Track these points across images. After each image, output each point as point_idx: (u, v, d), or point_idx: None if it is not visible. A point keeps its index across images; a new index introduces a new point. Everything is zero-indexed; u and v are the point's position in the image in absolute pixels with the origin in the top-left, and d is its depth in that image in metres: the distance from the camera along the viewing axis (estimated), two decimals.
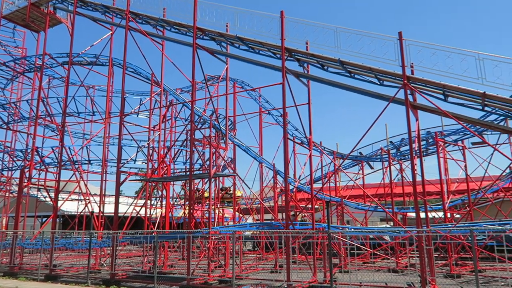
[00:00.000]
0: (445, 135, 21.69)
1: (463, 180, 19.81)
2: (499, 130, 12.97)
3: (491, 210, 20.42)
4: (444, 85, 11.63)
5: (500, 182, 19.31)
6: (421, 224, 11.57)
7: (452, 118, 11.88)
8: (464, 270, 16.82)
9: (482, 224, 14.59)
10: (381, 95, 13.39)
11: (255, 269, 18.42)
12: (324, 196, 22.05)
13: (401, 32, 12.18)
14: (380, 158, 25.31)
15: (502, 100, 11.25)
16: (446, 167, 20.98)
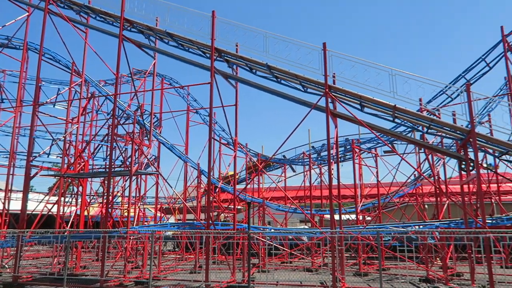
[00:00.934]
0: (361, 143, 23.27)
1: (374, 185, 21.38)
2: (407, 141, 14.23)
3: (397, 213, 22.35)
4: (361, 96, 12.48)
5: (405, 188, 21.18)
6: (334, 226, 12.27)
7: (366, 127, 12.79)
8: (371, 268, 18.13)
9: (388, 227, 15.90)
10: (304, 102, 13.99)
11: (174, 270, 18.10)
12: (247, 197, 22.40)
13: (325, 43, 12.85)
14: (302, 162, 26.38)
15: (410, 114, 12.36)
16: (360, 173, 22.49)
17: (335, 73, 13.26)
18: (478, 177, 11.18)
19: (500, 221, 17.02)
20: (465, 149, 11.86)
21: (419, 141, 14.04)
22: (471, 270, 12.32)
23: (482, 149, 12.44)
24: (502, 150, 11.65)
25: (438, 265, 16.86)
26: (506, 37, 15.84)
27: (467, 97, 11.36)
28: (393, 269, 17.89)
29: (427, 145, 13.40)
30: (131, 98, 23.02)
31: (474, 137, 11.08)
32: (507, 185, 22.03)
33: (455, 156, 12.59)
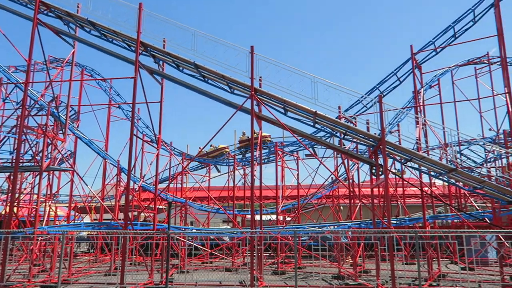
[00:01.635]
0: (284, 146, 24.05)
1: (295, 187, 22.22)
2: (325, 146, 15.02)
3: (315, 214, 23.45)
4: (285, 100, 12.92)
5: (323, 190, 22.33)
6: (255, 226, 12.53)
7: (289, 130, 13.27)
8: (289, 267, 18.81)
9: (306, 227, 16.62)
10: (231, 103, 14.11)
11: (87, 273, 17.09)
12: (168, 196, 21.95)
13: (253, 46, 13.09)
14: (226, 163, 26.53)
15: (329, 120, 13.08)
16: (283, 175, 23.24)
17: (261, 77, 13.58)
18: (386, 181, 12.16)
19: (403, 221, 18.69)
20: (376, 155, 12.85)
21: (336, 146, 14.90)
22: (377, 267, 13.34)
23: (391, 156, 13.57)
24: (407, 157, 12.81)
25: (350, 263, 18.02)
26: (414, 55, 17.46)
27: (379, 107, 12.31)
28: (310, 267, 18.74)
29: (343, 150, 14.27)
30: (46, 87, 21.30)
31: (383, 145, 12.04)
32: (411, 189, 24.28)
33: (367, 162, 13.57)
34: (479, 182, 12.14)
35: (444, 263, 19.67)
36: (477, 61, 23.17)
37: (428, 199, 19.67)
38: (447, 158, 13.87)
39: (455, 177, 12.71)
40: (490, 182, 12.35)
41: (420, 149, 14.38)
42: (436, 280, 14.23)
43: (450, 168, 12.09)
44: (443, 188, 26.66)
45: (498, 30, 14.66)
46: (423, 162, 12.64)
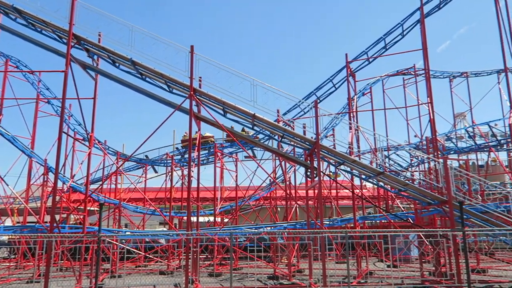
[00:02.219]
0: (224, 147, 24.05)
1: (234, 188, 22.30)
2: (263, 148, 15.24)
3: (253, 215, 23.69)
4: (224, 102, 12.92)
5: (261, 192, 22.64)
6: (191, 228, 12.37)
7: (227, 132, 13.28)
8: (226, 269, 18.81)
9: (243, 228, 16.73)
10: (169, 102, 13.83)
11: (7, 280, 15.77)
12: (100, 197, 20.97)
13: (192, 46, 12.94)
14: (164, 163, 25.93)
15: (267, 123, 13.30)
16: (222, 176, 23.21)
17: (201, 77, 13.48)
18: (319, 183, 12.63)
19: (336, 222, 19.51)
20: (311, 158, 13.28)
21: (274, 148, 15.19)
22: (310, 266, 13.79)
23: (326, 159, 14.12)
24: (340, 161, 13.40)
25: (285, 263, 18.43)
26: (349, 63, 18.36)
27: (315, 112, 12.76)
28: (246, 268, 18.89)
29: (280, 153, 14.59)
30: None
31: (318, 148, 12.49)
32: (344, 191, 25.37)
33: (303, 164, 14.00)
34: (403, 185, 13.02)
35: (372, 261, 20.86)
36: (405, 72, 24.92)
37: (359, 201, 20.71)
38: (376, 162, 14.74)
39: (383, 180, 13.52)
40: (413, 185, 13.29)
41: (352, 153, 15.11)
42: (364, 277, 15.02)
43: (378, 171, 12.85)
44: (373, 190, 28.22)
45: (423, 45, 15.87)
46: (354, 166, 13.29)
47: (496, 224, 12.44)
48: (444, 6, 19.47)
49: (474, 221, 12.73)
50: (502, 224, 12.46)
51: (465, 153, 27.88)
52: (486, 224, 12.47)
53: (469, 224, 12.86)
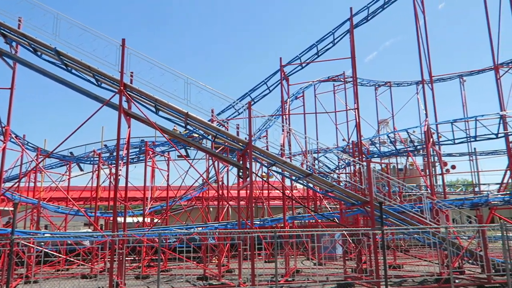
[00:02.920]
0: (156, 145, 23.38)
1: (165, 188, 21.76)
2: (195, 147, 15.07)
3: (184, 216, 23.33)
4: (156, 99, 12.57)
5: (193, 192, 22.36)
6: (117, 229, 11.85)
7: (159, 130, 12.94)
8: (154, 270, 18.28)
9: (172, 229, 16.39)
10: (97, 97, 13.14)
11: None
12: (16, 196, 19.31)
13: (124, 39, 12.42)
14: (91, 161, 24.57)
15: (201, 122, 13.16)
16: (153, 175, 22.53)
17: (133, 72, 12.97)
18: (251, 184, 12.76)
19: (266, 222, 19.88)
20: (244, 158, 13.39)
21: (207, 148, 15.08)
22: (239, 266, 13.89)
23: (258, 160, 14.31)
24: (272, 162, 13.67)
25: (215, 263, 18.38)
26: (283, 67, 18.84)
27: (248, 113, 12.89)
28: (176, 269, 18.53)
29: (213, 152, 14.52)
30: None
31: (250, 149, 12.63)
32: (275, 192, 25.94)
33: (235, 165, 14.06)
34: (330, 186, 13.64)
35: (301, 259, 21.56)
36: (335, 79, 26.17)
37: (289, 201, 21.28)
38: (307, 164, 15.25)
39: (312, 181, 14.04)
40: (339, 186, 13.97)
41: (283, 154, 15.50)
42: (292, 275, 15.47)
43: (308, 173, 13.31)
44: (303, 191, 29.21)
45: (351, 54, 16.77)
46: (285, 167, 13.65)
47: (411, 223, 13.50)
48: (372, 18, 20.77)
49: (393, 220, 13.70)
50: (416, 223, 13.56)
51: (387, 157, 29.94)
52: (403, 224, 13.47)
53: (388, 224, 13.80)
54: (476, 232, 13.47)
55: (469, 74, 33.47)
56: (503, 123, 20.19)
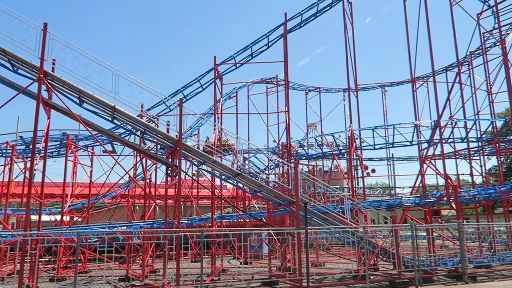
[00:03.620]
0: (79, 139, 22.01)
1: (87, 184, 20.57)
2: (122, 143, 14.45)
3: (108, 214, 22.22)
4: (80, 90, 11.83)
5: (118, 189, 21.40)
6: (29, 227, 10.95)
7: (82, 123, 12.20)
8: (72, 272, 17.17)
9: (94, 227, 15.54)
10: (12, 84, 12.05)
11: None
12: None
13: (46, 23, 11.51)
14: (3, 153, 22.43)
15: (129, 117, 12.63)
16: (75, 171, 21.16)
17: (55, 60, 12.07)
18: (179, 182, 12.53)
19: (194, 221, 19.67)
20: (173, 156, 13.11)
21: (134, 144, 14.53)
22: (164, 266, 13.57)
23: (188, 158, 14.10)
24: (202, 160, 13.55)
25: (140, 264, 17.75)
26: (217, 66, 18.76)
27: (179, 110, 12.64)
28: (97, 270, 17.58)
29: (141, 149, 14.03)
30: None
31: (180, 147, 12.41)
32: (205, 191, 25.79)
33: (163, 162, 13.71)
34: (258, 186, 13.86)
35: (228, 259, 21.63)
36: (268, 81, 26.70)
37: (218, 201, 21.27)
38: (237, 164, 15.35)
39: (241, 181, 14.15)
40: (267, 186, 14.24)
41: (214, 154, 15.45)
42: (218, 275, 15.46)
43: (237, 172, 13.40)
44: (232, 190, 29.37)
45: (284, 57, 17.21)
46: (215, 166, 13.60)
47: (333, 223, 14.19)
48: (305, 25, 21.55)
49: (316, 220, 14.28)
50: (338, 223, 14.28)
51: (314, 159, 31.23)
52: (326, 223, 14.11)
53: (312, 223, 14.37)
54: (390, 232, 14.52)
55: (390, 85, 36.15)
56: (417, 132, 22.10)
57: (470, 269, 14.45)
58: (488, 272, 15.45)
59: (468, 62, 27.01)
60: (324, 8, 21.65)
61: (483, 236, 19.26)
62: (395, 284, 13.15)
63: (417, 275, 13.03)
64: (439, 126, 18.88)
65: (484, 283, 13.45)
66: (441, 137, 19.08)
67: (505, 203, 22.05)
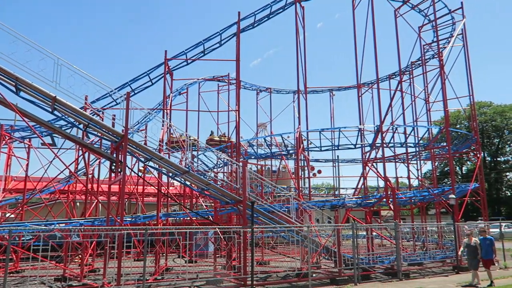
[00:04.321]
0: (15, 130, 20.54)
1: (23, 178, 19.29)
2: (63, 136, 13.71)
3: (45, 210, 20.99)
4: (17, 77, 11.07)
5: (57, 185, 20.27)
6: None
7: (17, 113, 11.44)
8: (2, 272, 16.02)
9: (28, 224, 14.61)
10: None
11: None
12: None
13: None
14: None
15: (72, 109, 12.00)
16: (9, 163, 19.74)
17: None
18: (123, 179, 12.13)
19: (139, 219, 19.13)
20: (118, 151, 12.65)
21: (76, 138, 13.83)
22: (104, 265, 13.08)
23: (134, 154, 13.67)
24: (148, 157, 13.20)
25: (79, 263, 16.95)
26: (168, 61, 18.35)
27: (126, 104, 12.23)
28: (31, 270, 16.53)
29: (83, 143, 13.41)
30: None
31: (126, 142, 12.00)
32: (151, 188, 25.16)
33: (107, 157, 13.20)
34: (206, 185, 13.76)
35: (173, 257, 21.25)
36: (220, 79, 26.59)
37: (164, 198, 20.83)
38: (185, 161, 15.14)
39: (188, 179, 13.97)
40: (214, 185, 14.18)
41: (161, 150, 15.12)
42: (162, 274, 15.15)
43: (184, 170, 13.22)
44: (180, 188, 28.93)
45: (236, 56, 17.22)
46: (162, 163, 13.32)
47: (279, 222, 14.44)
48: (258, 25, 21.71)
49: (263, 219, 14.45)
50: (284, 222, 14.55)
51: (263, 159, 31.58)
52: (272, 222, 14.32)
53: (259, 222, 14.52)
54: (333, 231, 15.04)
55: (337, 89, 37.42)
56: (360, 135, 23.07)
57: (405, 267, 15.37)
58: (420, 269, 16.52)
59: (409, 72, 28.65)
60: (277, 10, 21.93)
61: (417, 235, 20.51)
62: (335, 281, 13.66)
63: (356, 272, 13.62)
64: (381, 131, 19.84)
65: (416, 280, 14.35)
66: (382, 142, 20.07)
67: (438, 205, 23.69)
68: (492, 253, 13.26)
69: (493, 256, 13.36)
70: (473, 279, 13.02)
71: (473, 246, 13.08)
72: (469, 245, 13.19)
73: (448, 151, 20.59)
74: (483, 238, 13.23)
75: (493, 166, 59.49)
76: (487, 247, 13.02)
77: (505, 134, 59.07)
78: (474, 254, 13.04)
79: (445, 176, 55.52)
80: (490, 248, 13.09)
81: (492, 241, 13.24)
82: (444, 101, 20.95)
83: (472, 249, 13.10)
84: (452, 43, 23.17)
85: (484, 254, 13.00)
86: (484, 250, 13.00)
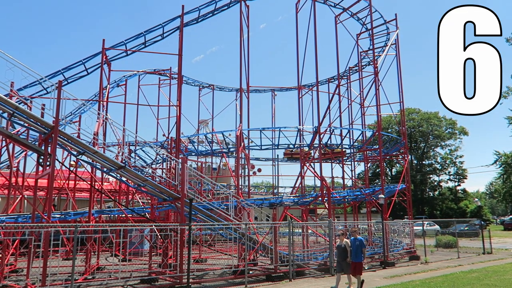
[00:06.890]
0: None
1: None
2: None
3: None
4: None
5: None
6: None
7: None
8: None
9: None
10: None
11: None
12: None
13: None
14: None
15: None
16: None
17: None
18: (52, 173, 11.39)
19: (69, 216, 18.09)
20: (47, 144, 11.85)
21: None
22: (28, 265, 12.21)
23: (66, 147, 12.88)
24: (81, 150, 12.51)
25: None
26: (105, 50, 17.48)
27: (57, 94, 11.48)
28: None
29: (6, 133, 12.38)
30: None
31: (56, 134, 11.28)
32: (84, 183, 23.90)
33: (35, 150, 12.32)
34: (143, 181, 13.34)
35: (106, 256, 20.37)
36: (162, 73, 25.90)
37: (98, 194, 19.89)
38: (122, 156, 14.54)
39: (124, 175, 13.44)
40: (151, 181, 13.80)
41: (96, 144, 14.40)
42: (93, 273, 14.45)
43: (120, 165, 12.71)
44: (115, 184, 27.77)
45: (179, 50, 16.88)
46: (96, 157, 12.70)
47: (217, 219, 14.40)
48: (202, 21, 21.46)
49: (201, 216, 14.32)
50: (222, 220, 14.54)
51: (204, 156, 31.31)
52: (210, 220, 14.24)
53: (197, 219, 14.36)
54: (270, 228, 15.31)
55: (279, 89, 38.15)
56: (300, 135, 23.73)
57: None
58: None
59: (347, 77, 29.98)
60: (222, 7, 21.80)
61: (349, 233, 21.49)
62: (271, 278, 13.92)
63: (291, 269, 13.99)
64: (318, 132, 20.54)
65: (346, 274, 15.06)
66: (320, 142, 20.79)
67: (369, 204, 25.04)
68: (362, 256, 11.85)
69: (362, 259, 11.91)
70: (336, 283, 11.97)
71: (343, 248, 12.04)
72: (339, 246, 12.22)
73: (380, 154, 21.84)
74: (354, 238, 11.99)
75: (419, 169, 64.26)
76: (356, 248, 11.76)
77: (430, 139, 64.12)
78: (343, 256, 11.99)
79: (377, 177, 58.90)
80: (360, 249, 11.76)
81: (362, 242, 11.91)
82: (377, 106, 22.19)
83: (341, 250, 12.09)
84: (386, 52, 24.60)
85: (354, 257, 11.77)
86: (354, 252, 11.77)
